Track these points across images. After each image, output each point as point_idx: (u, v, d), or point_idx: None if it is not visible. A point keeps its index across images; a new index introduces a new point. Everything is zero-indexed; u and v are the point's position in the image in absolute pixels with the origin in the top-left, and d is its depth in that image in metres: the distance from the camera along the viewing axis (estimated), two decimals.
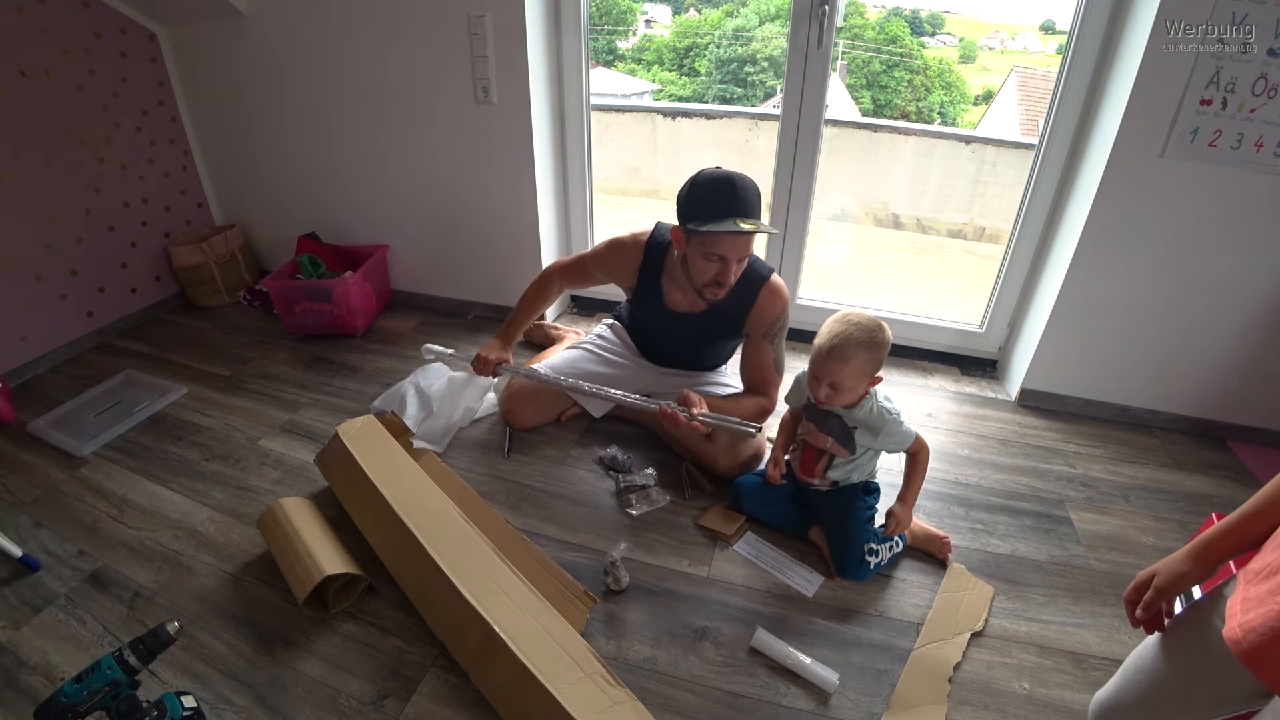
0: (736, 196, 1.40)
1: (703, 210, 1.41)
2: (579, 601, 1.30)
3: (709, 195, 1.41)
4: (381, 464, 1.44)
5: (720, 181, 1.41)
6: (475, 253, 2.41)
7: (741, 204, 1.40)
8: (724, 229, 1.37)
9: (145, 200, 2.37)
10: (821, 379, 1.31)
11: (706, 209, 1.40)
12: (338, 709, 1.13)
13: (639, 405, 1.60)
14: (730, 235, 1.39)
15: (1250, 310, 1.78)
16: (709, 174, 1.44)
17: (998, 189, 4.18)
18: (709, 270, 1.46)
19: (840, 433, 1.40)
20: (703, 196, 1.42)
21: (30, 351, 2.08)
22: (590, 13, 2.13)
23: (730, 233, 1.37)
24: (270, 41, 2.22)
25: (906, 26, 11.98)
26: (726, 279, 1.46)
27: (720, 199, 1.40)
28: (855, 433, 1.38)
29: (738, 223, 1.37)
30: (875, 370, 1.31)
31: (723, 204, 1.39)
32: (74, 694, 0.88)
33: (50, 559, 1.40)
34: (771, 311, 1.58)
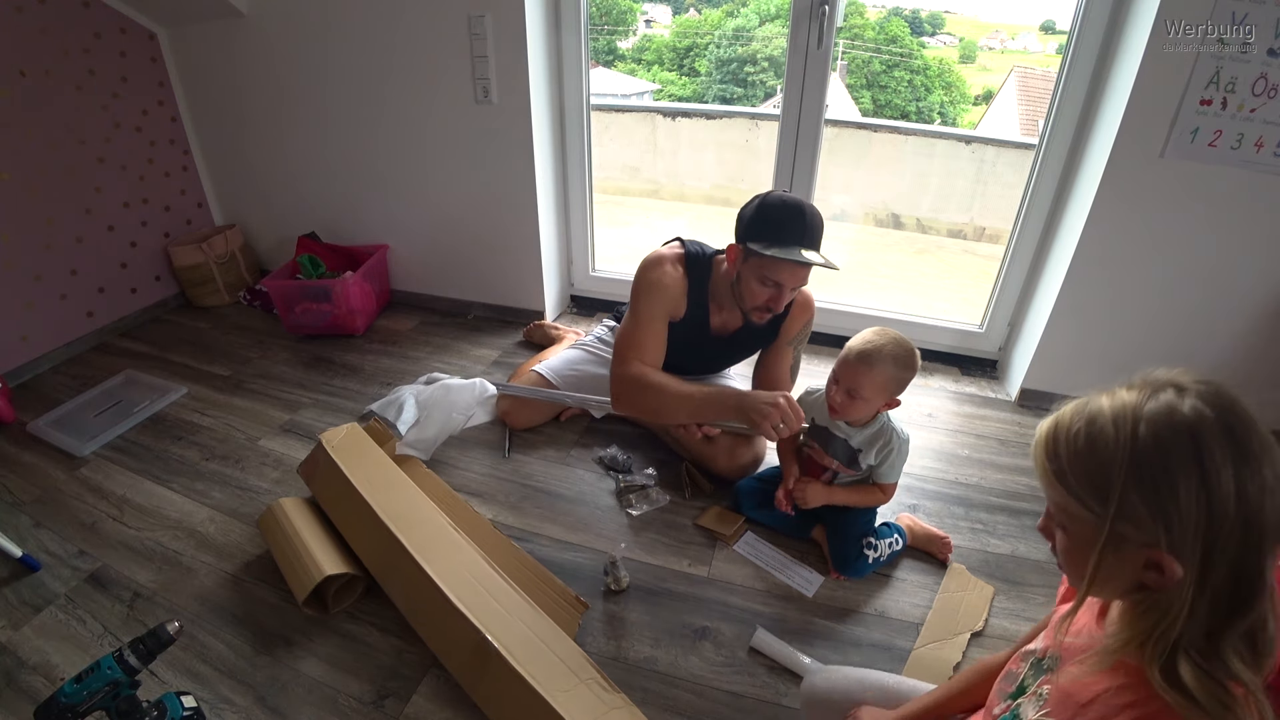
0: (806, 226, 1.36)
1: (769, 233, 1.37)
2: (570, 607, 1.29)
3: (778, 219, 1.37)
4: (367, 473, 1.41)
5: (791, 208, 1.38)
6: (475, 253, 2.41)
7: (809, 234, 1.37)
8: (788, 257, 1.33)
9: (145, 200, 2.37)
10: (842, 382, 1.30)
11: (773, 233, 1.37)
12: (338, 709, 1.13)
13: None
14: (791, 264, 1.35)
15: (1250, 310, 1.78)
16: (780, 197, 1.40)
17: (998, 189, 4.19)
18: (762, 295, 1.42)
19: (845, 455, 1.40)
20: (771, 219, 1.38)
21: (30, 351, 2.08)
22: (590, 13, 2.13)
23: (793, 262, 1.34)
24: (270, 41, 2.22)
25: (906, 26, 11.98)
26: (777, 307, 1.43)
27: (789, 225, 1.36)
28: (859, 454, 1.38)
29: (802, 253, 1.34)
30: (898, 391, 1.31)
31: (791, 231, 1.36)
32: (74, 694, 0.88)
33: (50, 559, 1.40)
34: (800, 321, 1.58)
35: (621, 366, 1.52)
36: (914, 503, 1.63)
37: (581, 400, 1.77)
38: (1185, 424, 0.53)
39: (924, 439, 1.86)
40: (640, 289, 1.54)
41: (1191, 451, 0.52)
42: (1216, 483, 0.52)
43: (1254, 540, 0.52)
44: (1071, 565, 0.63)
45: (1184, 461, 0.53)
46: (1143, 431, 0.54)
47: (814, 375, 2.14)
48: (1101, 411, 0.57)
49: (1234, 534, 0.52)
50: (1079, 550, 0.60)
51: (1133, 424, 0.55)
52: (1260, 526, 0.52)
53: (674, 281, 1.53)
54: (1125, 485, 0.55)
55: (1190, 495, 0.52)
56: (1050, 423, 0.62)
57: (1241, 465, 0.52)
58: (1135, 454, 0.54)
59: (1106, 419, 0.57)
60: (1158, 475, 0.53)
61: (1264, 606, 0.54)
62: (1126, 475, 0.54)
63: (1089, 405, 0.59)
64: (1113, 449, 0.55)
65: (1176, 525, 0.53)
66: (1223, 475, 0.52)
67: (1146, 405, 0.55)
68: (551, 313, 2.49)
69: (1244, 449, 0.52)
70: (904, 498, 1.61)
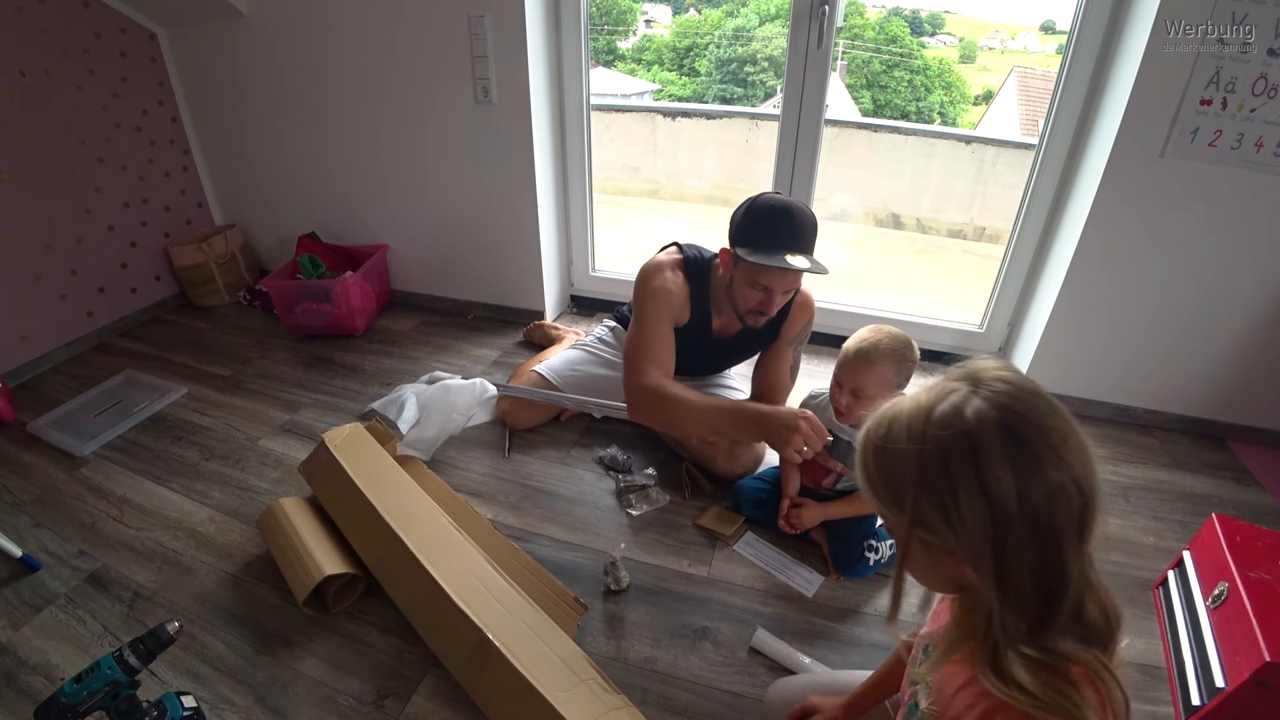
0: (792, 230, 1.35)
1: (755, 238, 1.37)
2: (570, 608, 1.29)
3: (765, 224, 1.37)
4: (369, 472, 1.41)
5: (778, 211, 1.37)
6: (475, 253, 2.41)
7: (796, 238, 1.36)
8: (772, 264, 1.32)
9: (145, 200, 2.37)
10: (844, 384, 1.30)
11: (759, 238, 1.36)
12: (338, 709, 1.13)
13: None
14: (779, 270, 1.35)
15: (1250, 310, 1.78)
16: (768, 201, 1.39)
17: (998, 189, 4.19)
18: (753, 299, 1.42)
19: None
20: (758, 224, 1.37)
21: (30, 351, 2.08)
22: (590, 13, 2.13)
23: (778, 269, 1.33)
24: (270, 41, 2.22)
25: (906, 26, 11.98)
26: (769, 310, 1.42)
27: (776, 230, 1.35)
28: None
29: (786, 259, 1.32)
30: (902, 385, 1.30)
31: (777, 236, 1.35)
32: (74, 694, 0.88)
33: (50, 559, 1.40)
34: (800, 322, 1.58)
35: (637, 377, 1.49)
36: None
37: (581, 402, 1.77)
38: (964, 430, 0.53)
39: None
40: (644, 296, 1.53)
41: (970, 458, 0.52)
42: (996, 489, 0.51)
43: (1048, 540, 0.52)
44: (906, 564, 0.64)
45: (962, 469, 0.52)
46: (928, 441, 0.54)
47: (815, 376, 2.14)
48: (898, 418, 0.58)
49: (1023, 536, 0.52)
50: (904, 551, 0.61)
51: (921, 431, 0.55)
52: (1051, 527, 0.52)
53: (677, 287, 1.53)
54: (916, 493, 0.55)
55: (971, 502, 0.52)
56: (864, 431, 0.62)
57: (1023, 469, 0.51)
58: (920, 464, 0.55)
59: (901, 427, 0.57)
60: (940, 484, 0.54)
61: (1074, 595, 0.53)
62: (916, 484, 0.55)
63: (890, 411, 0.59)
64: (903, 458, 0.56)
65: (963, 532, 0.53)
66: (1001, 481, 0.51)
67: (935, 410, 0.55)
68: (551, 313, 2.49)
69: (1025, 452, 0.52)
70: None
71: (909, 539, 0.58)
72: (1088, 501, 0.53)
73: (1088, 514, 0.53)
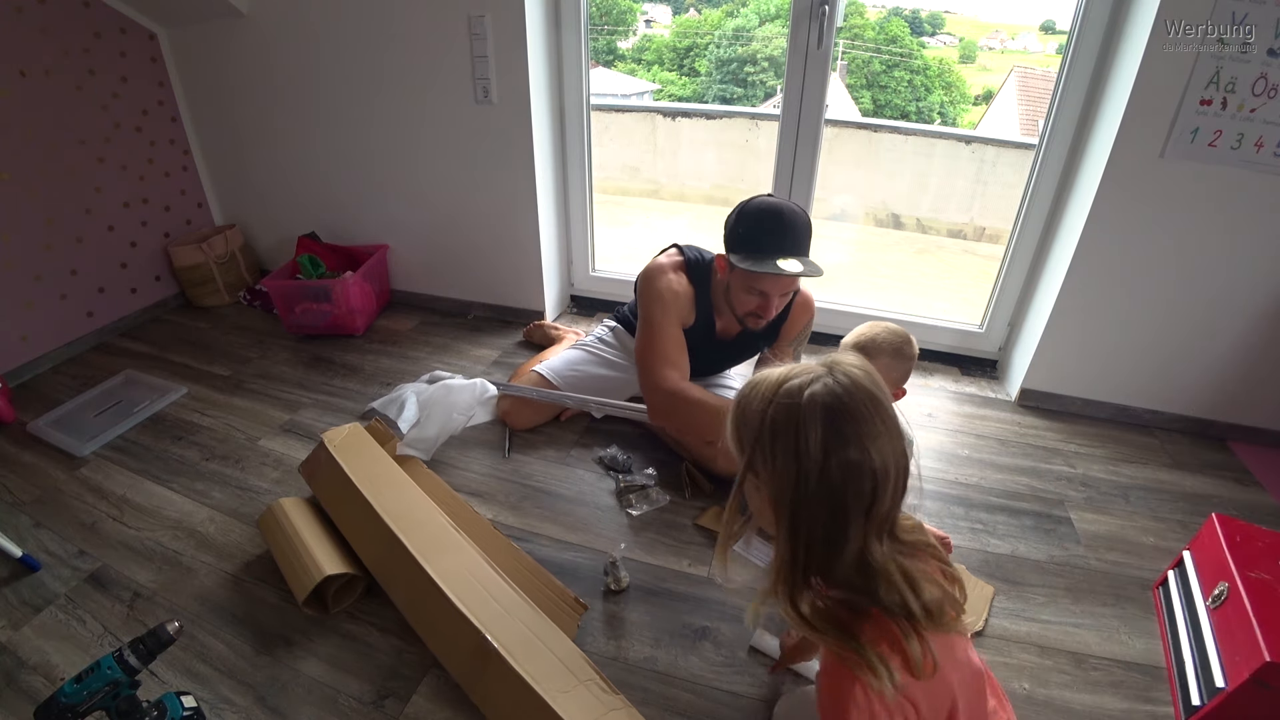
0: (784, 233, 1.34)
1: (748, 244, 1.36)
2: (570, 608, 1.29)
3: (756, 229, 1.36)
4: (369, 472, 1.41)
5: (769, 216, 1.35)
6: (475, 253, 2.41)
7: (789, 242, 1.34)
8: (765, 270, 1.32)
9: (145, 200, 2.37)
10: None
11: (752, 244, 1.35)
12: (338, 709, 1.13)
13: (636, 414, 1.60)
14: (773, 276, 1.34)
15: (1250, 310, 1.78)
16: (758, 205, 1.38)
17: (998, 189, 4.19)
18: (750, 303, 1.43)
19: None
20: (750, 230, 1.37)
21: (30, 351, 2.08)
22: (590, 13, 2.13)
23: (772, 275, 1.32)
24: (270, 42, 2.22)
25: (906, 26, 11.98)
26: (767, 314, 1.42)
27: (766, 235, 1.34)
28: None
29: (780, 264, 1.31)
30: (901, 380, 1.31)
31: (768, 240, 1.34)
32: (74, 694, 0.88)
33: (50, 559, 1.40)
34: (800, 322, 1.59)
35: (657, 380, 1.47)
36: (914, 503, 1.62)
37: (581, 400, 1.77)
38: (797, 403, 0.68)
39: (924, 439, 1.86)
40: (651, 299, 1.52)
41: (794, 426, 0.67)
42: (804, 453, 0.66)
43: (837, 507, 0.67)
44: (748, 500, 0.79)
45: (787, 433, 0.68)
46: (771, 405, 0.70)
47: None
48: (761, 383, 0.73)
49: (818, 497, 0.67)
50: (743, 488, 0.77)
51: (769, 397, 0.71)
52: (841, 497, 0.67)
53: (683, 289, 1.53)
54: (753, 444, 0.72)
55: (784, 459, 0.68)
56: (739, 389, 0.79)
57: (829, 444, 0.66)
58: (762, 421, 0.70)
59: (760, 391, 0.73)
60: (769, 440, 0.69)
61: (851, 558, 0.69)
62: (755, 436, 0.71)
63: (759, 376, 0.75)
64: (753, 415, 0.72)
65: (775, 481, 0.69)
66: (811, 449, 0.66)
67: (785, 384, 0.71)
68: (551, 313, 2.49)
69: (835, 432, 0.66)
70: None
71: (743, 478, 0.75)
72: (878, 488, 0.67)
73: (876, 500, 0.67)
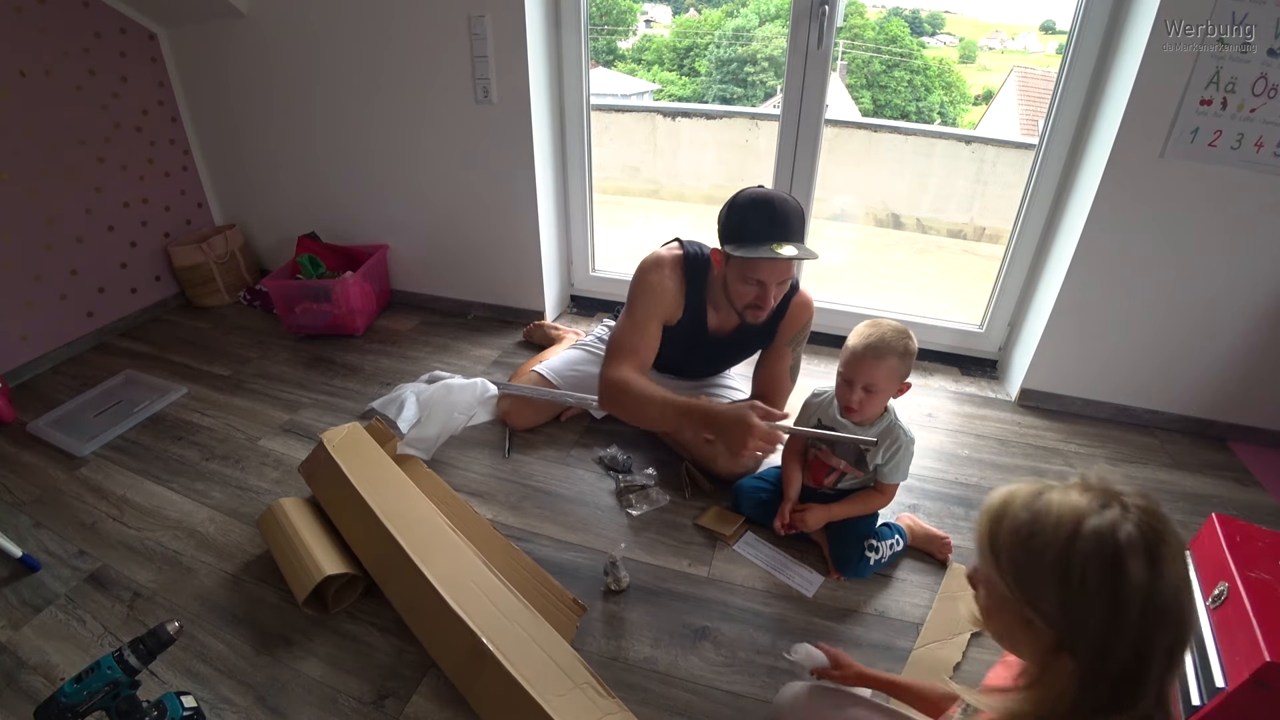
0: (776, 220, 1.35)
1: (741, 234, 1.37)
2: (568, 610, 1.29)
3: (748, 219, 1.37)
4: (367, 473, 1.41)
5: (760, 204, 1.37)
6: (475, 253, 2.41)
7: (781, 228, 1.35)
8: (760, 255, 1.33)
9: (145, 200, 2.37)
10: (855, 382, 1.31)
11: (745, 232, 1.37)
12: (338, 709, 1.13)
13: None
14: (768, 262, 1.35)
15: (1250, 310, 1.78)
16: (749, 194, 1.40)
17: (998, 189, 4.19)
18: (749, 294, 1.43)
19: (853, 456, 1.40)
20: (742, 220, 1.38)
21: (30, 351, 2.08)
22: (590, 13, 2.13)
23: (767, 259, 1.33)
24: (270, 42, 2.22)
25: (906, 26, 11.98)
26: (765, 303, 1.42)
27: (759, 223, 1.36)
28: (866, 454, 1.38)
29: (774, 249, 1.33)
30: (905, 375, 1.32)
31: (762, 228, 1.35)
32: (74, 694, 0.88)
33: (50, 559, 1.40)
34: (799, 322, 1.58)
35: (609, 369, 1.51)
36: (914, 503, 1.63)
37: (581, 400, 1.77)
38: (1114, 548, 0.57)
39: (924, 439, 1.86)
40: (638, 292, 1.55)
41: (1112, 576, 0.57)
42: (1126, 610, 0.57)
43: (1143, 655, 0.58)
44: (987, 624, 0.69)
45: (1103, 583, 0.57)
46: (1078, 543, 0.58)
47: (815, 375, 2.14)
48: (1049, 510, 0.61)
49: (1125, 654, 0.58)
50: (994, 611, 0.67)
51: (1071, 533, 0.59)
52: (1149, 651, 0.58)
53: (671, 286, 1.54)
54: (1048, 584, 0.60)
55: (1099, 611, 0.57)
56: (1001, 501, 0.66)
57: (1150, 598, 0.57)
58: (1065, 561, 0.59)
59: (1050, 519, 0.61)
60: (1076, 586, 0.58)
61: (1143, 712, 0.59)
62: (1051, 576, 0.59)
63: (1040, 499, 0.63)
64: (1047, 550, 0.60)
65: (1078, 630, 0.59)
66: (1132, 604, 0.57)
67: (1089, 519, 0.59)
68: (551, 313, 2.49)
69: (1157, 583, 0.57)
70: (904, 498, 1.61)
71: (1015, 611, 0.62)
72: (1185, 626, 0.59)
73: (1179, 646, 0.59)
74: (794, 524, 1.43)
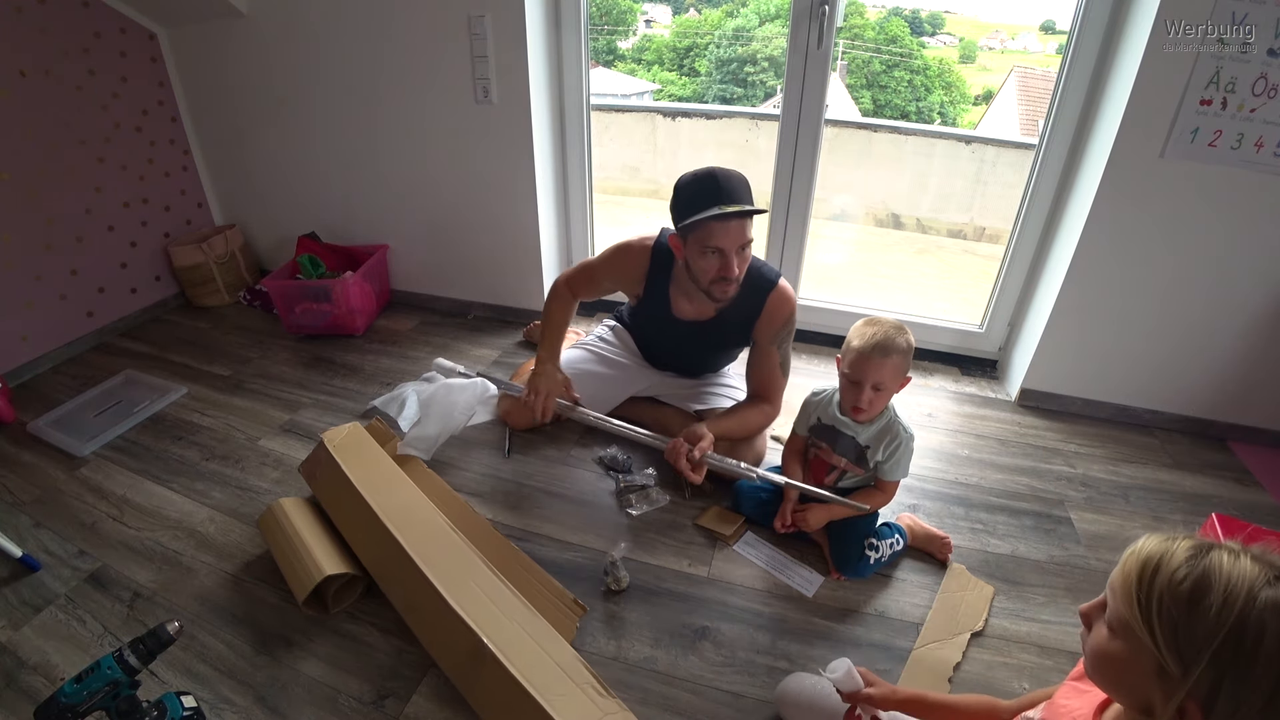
0: (719, 186, 1.40)
1: (689, 207, 1.41)
2: (569, 610, 1.29)
3: (693, 192, 1.42)
4: (367, 473, 1.41)
5: (701, 176, 1.42)
6: (475, 253, 2.41)
7: (726, 192, 1.39)
8: (707, 216, 1.37)
9: (145, 200, 2.37)
10: (864, 381, 1.31)
11: (692, 205, 1.41)
12: (338, 709, 1.13)
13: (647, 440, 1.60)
14: (719, 221, 1.38)
15: (1250, 310, 1.78)
16: (689, 173, 1.45)
17: (998, 189, 4.18)
18: (711, 266, 1.44)
19: (853, 453, 1.40)
20: (687, 195, 1.43)
21: (30, 351, 2.08)
22: (590, 13, 2.13)
23: (715, 217, 1.37)
24: (270, 42, 2.22)
25: (906, 26, 11.97)
26: (729, 272, 1.43)
27: (703, 193, 1.40)
28: (866, 450, 1.38)
29: (723, 208, 1.37)
30: (906, 371, 1.33)
31: (706, 196, 1.40)
32: (74, 694, 0.88)
33: (50, 559, 1.40)
34: (779, 317, 1.57)
35: (558, 281, 1.77)
36: (914, 503, 1.63)
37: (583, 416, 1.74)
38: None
39: (924, 439, 1.86)
40: (608, 252, 1.71)
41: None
42: None
43: None
44: (1100, 664, 0.65)
45: (1273, 660, 0.54)
46: (1251, 614, 0.55)
47: (816, 375, 2.14)
48: (1218, 571, 0.57)
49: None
50: (1117, 660, 0.62)
51: (1244, 602, 0.55)
52: None
53: (635, 261, 1.64)
54: (1207, 646, 0.56)
55: (1261, 690, 0.54)
56: (1158, 551, 0.61)
57: None
58: (1233, 630, 0.55)
59: (1220, 583, 0.57)
60: (1243, 660, 0.54)
61: None
62: (1215, 643, 0.55)
63: (1206, 559, 0.59)
64: (1213, 614, 0.56)
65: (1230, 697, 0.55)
66: None
67: (1263, 590, 0.55)
68: None
69: None
70: (904, 498, 1.61)
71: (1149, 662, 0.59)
72: None
73: None
74: (795, 523, 1.43)
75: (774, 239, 2.23)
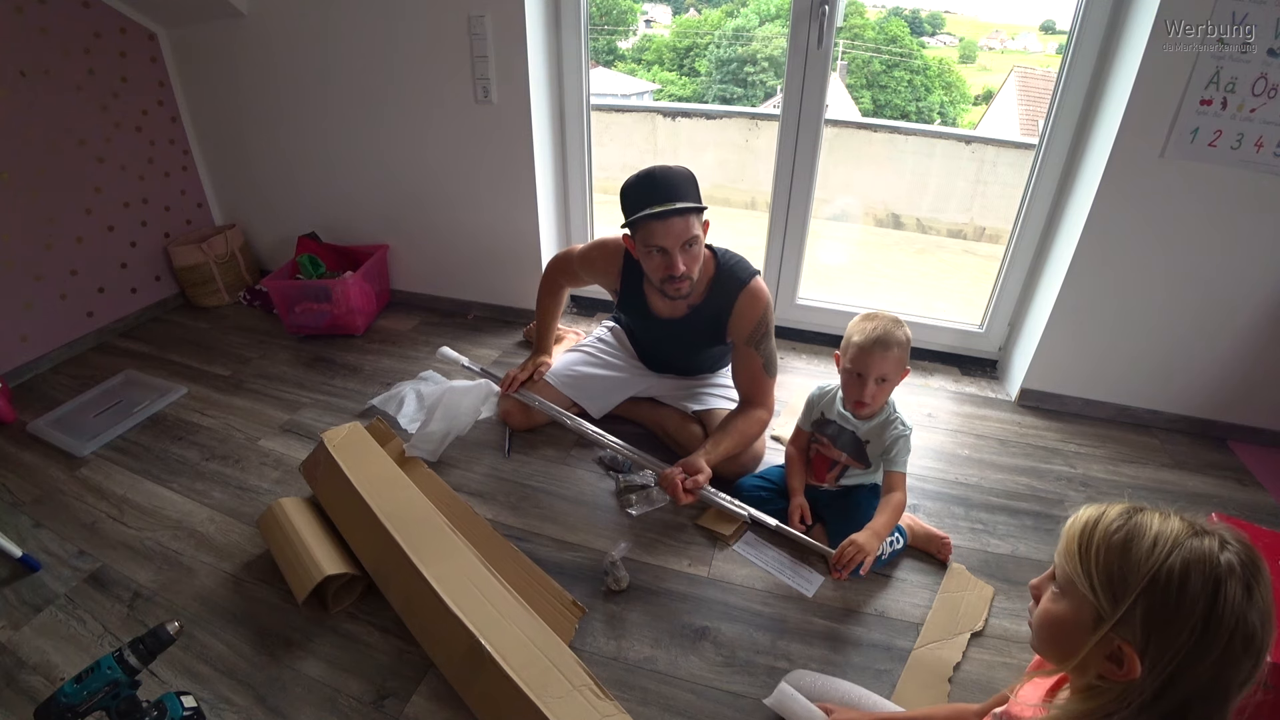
0: (655, 185, 1.42)
1: (632, 208, 1.43)
2: (568, 611, 1.29)
3: (631, 196, 1.44)
4: (367, 473, 1.41)
5: (640, 177, 1.44)
6: (475, 253, 2.41)
7: (660, 191, 1.41)
8: (641, 215, 1.39)
9: (145, 200, 2.37)
10: (868, 375, 1.33)
11: (635, 206, 1.42)
12: (338, 709, 1.13)
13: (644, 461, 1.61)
14: (658, 220, 1.40)
15: (1250, 310, 1.78)
16: (632, 176, 1.46)
17: (998, 189, 4.18)
18: (659, 265, 1.46)
19: (854, 448, 1.40)
20: (631, 196, 1.44)
21: (30, 351, 2.08)
22: (590, 13, 2.13)
23: (651, 216, 1.39)
24: (270, 41, 2.22)
25: (906, 26, 11.96)
26: (675, 269, 1.43)
27: (639, 195, 1.43)
28: (867, 446, 1.39)
29: (656, 207, 1.39)
30: (905, 363, 1.36)
31: (641, 197, 1.42)
32: (74, 694, 0.88)
33: (50, 559, 1.40)
34: (750, 317, 1.54)
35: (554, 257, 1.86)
36: (914, 503, 1.63)
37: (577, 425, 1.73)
38: (1215, 571, 0.60)
39: (924, 439, 1.86)
40: (588, 245, 1.76)
41: (1209, 596, 0.59)
42: (1215, 631, 0.59)
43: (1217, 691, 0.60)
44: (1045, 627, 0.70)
45: (1197, 600, 0.59)
46: (1176, 559, 0.61)
47: (816, 375, 2.14)
48: (1148, 525, 0.64)
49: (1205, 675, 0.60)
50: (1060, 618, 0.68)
51: (1170, 548, 0.61)
52: (1226, 683, 0.60)
53: (610, 259, 1.68)
54: (1139, 589, 0.61)
55: (1187, 628, 0.59)
56: (1095, 512, 0.68)
57: (1238, 626, 0.59)
58: (1161, 573, 0.61)
59: (1149, 534, 0.63)
60: (1170, 598, 0.60)
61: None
62: (1145, 586, 0.61)
63: (1136, 515, 0.65)
64: (1143, 560, 0.62)
65: (1163, 644, 0.60)
66: (1221, 628, 0.59)
67: (1189, 539, 0.62)
68: None
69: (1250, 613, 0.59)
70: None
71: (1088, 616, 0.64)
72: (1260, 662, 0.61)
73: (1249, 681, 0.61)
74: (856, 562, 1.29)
75: (774, 239, 2.23)
